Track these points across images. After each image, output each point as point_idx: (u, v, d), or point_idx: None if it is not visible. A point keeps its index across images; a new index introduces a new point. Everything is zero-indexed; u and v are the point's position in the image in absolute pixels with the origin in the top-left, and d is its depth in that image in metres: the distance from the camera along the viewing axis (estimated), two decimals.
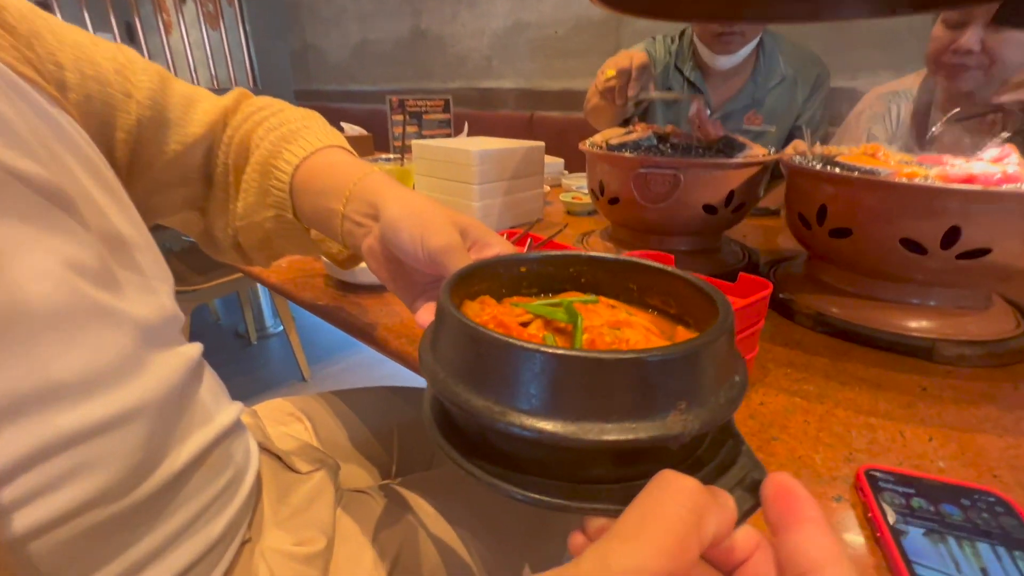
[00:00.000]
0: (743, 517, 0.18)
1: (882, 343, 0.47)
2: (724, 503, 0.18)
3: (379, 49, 2.58)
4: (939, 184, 0.41)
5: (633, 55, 0.81)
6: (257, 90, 2.17)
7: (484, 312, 0.25)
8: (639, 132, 0.65)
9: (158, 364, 0.31)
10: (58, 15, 2.44)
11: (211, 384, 0.39)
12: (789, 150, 0.63)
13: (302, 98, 3.16)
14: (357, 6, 2.59)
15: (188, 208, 0.46)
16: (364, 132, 1.95)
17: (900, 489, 0.30)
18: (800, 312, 0.53)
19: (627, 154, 0.60)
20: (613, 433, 0.18)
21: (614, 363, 0.18)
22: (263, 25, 3.04)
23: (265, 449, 0.47)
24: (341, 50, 2.80)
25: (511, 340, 0.19)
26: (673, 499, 0.16)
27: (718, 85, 1.14)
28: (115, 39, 2.61)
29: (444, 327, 0.22)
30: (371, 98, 2.74)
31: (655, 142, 0.63)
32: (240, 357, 1.96)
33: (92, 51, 0.36)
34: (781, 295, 0.55)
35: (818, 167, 0.50)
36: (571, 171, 1.28)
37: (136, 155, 0.40)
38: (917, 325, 0.48)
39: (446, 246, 0.31)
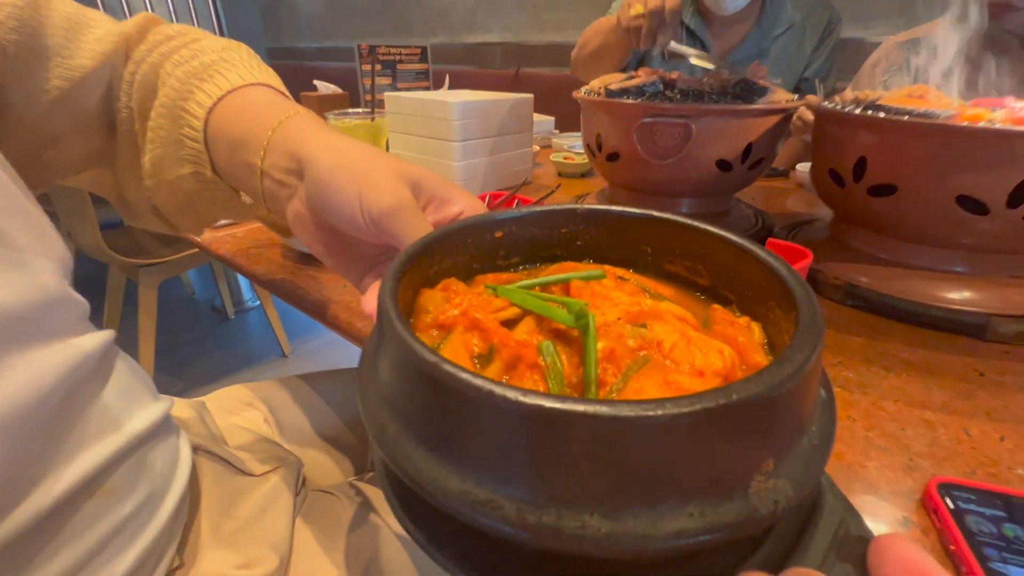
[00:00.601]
0: None
1: (926, 319, 0.41)
2: None
3: (356, 3, 2.40)
4: (1016, 128, 0.34)
5: None
6: None
7: (450, 307, 0.18)
8: (643, 77, 0.56)
9: (24, 363, 0.24)
10: None
11: (123, 382, 0.31)
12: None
13: (275, 56, 2.96)
14: None
15: (93, 164, 0.37)
16: (339, 90, 1.81)
17: (987, 511, 0.24)
18: (827, 283, 0.46)
19: (630, 101, 0.51)
20: (668, 525, 0.11)
21: (668, 422, 0.11)
22: None
23: (206, 451, 0.40)
24: (314, 3, 2.60)
25: (493, 389, 0.11)
26: None
27: (720, 33, 1.04)
28: None
29: (387, 352, 0.14)
30: (347, 55, 2.56)
31: (661, 88, 0.54)
32: (217, 333, 1.87)
33: None
34: None
35: (857, 112, 0.42)
36: (562, 130, 1.18)
37: (4, 96, 0.31)
38: (963, 297, 0.41)
39: (393, 207, 0.23)
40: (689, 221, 0.21)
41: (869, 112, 0.42)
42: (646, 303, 0.18)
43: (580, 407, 0.11)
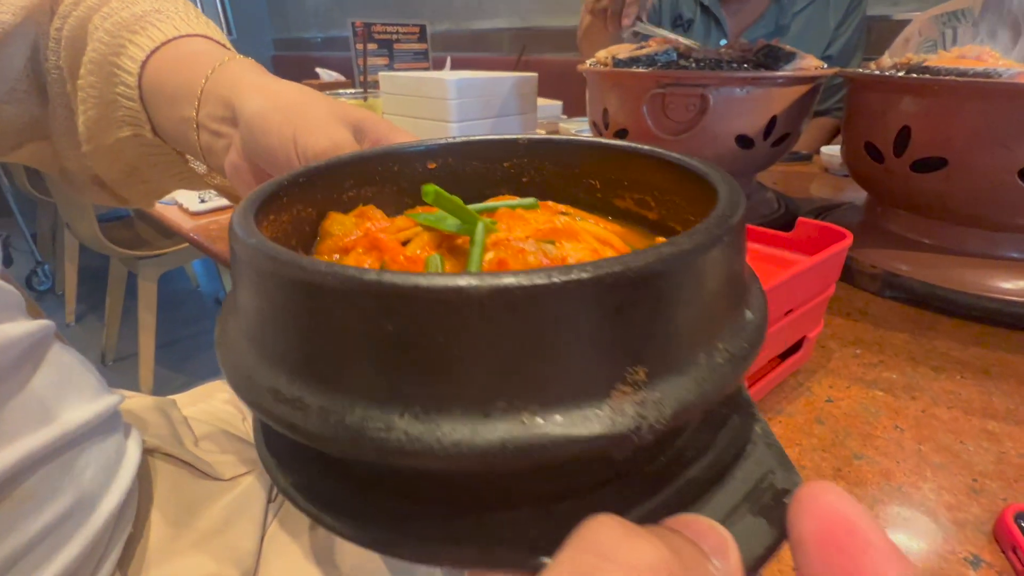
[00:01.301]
0: (756, 565, 0.10)
1: (978, 312, 0.36)
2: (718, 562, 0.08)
3: None
4: None
5: None
6: (233, 39, 1.99)
7: (357, 227, 0.16)
8: (655, 46, 0.51)
9: None
10: None
11: (60, 375, 0.28)
12: None
13: (281, 48, 2.93)
14: None
15: (28, 138, 0.33)
16: (341, 77, 1.77)
17: None
18: (863, 272, 0.41)
19: (640, 70, 0.46)
20: (492, 433, 0.08)
21: (489, 294, 0.08)
22: None
23: (165, 453, 0.36)
24: None
25: (297, 260, 0.10)
26: None
27: (736, 10, 0.98)
28: None
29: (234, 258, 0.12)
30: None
31: (675, 57, 0.49)
32: None
33: None
34: None
35: (901, 75, 0.37)
36: (571, 115, 1.13)
37: None
38: (1021, 287, 0.36)
39: (330, 149, 0.21)
40: (633, 145, 0.17)
41: (914, 76, 0.36)
42: (561, 221, 0.15)
43: (385, 279, 0.08)
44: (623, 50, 0.52)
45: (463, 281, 0.08)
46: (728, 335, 0.11)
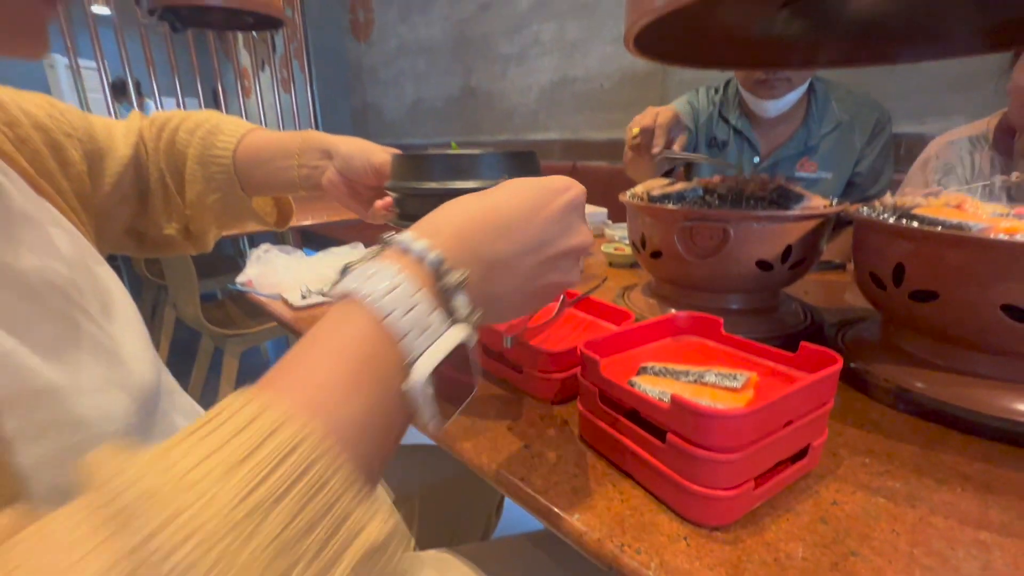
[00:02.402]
0: None
1: (987, 431, 0.39)
2: None
3: (432, 106, 2.71)
4: None
5: (658, 112, 0.78)
6: None
7: None
8: (684, 183, 0.61)
9: None
10: (154, 86, 2.75)
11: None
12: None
13: None
14: (413, 68, 2.76)
15: (126, 228, 0.51)
16: None
17: None
18: (877, 386, 0.45)
19: (670, 206, 0.56)
20: None
21: None
22: (329, 87, 3.29)
23: None
24: (397, 108, 2.96)
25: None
26: None
27: (766, 132, 1.09)
28: (200, 105, 2.90)
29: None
30: (423, 150, 2.86)
31: (701, 194, 0.59)
32: None
33: (25, 103, 0.39)
34: (853, 364, 0.48)
35: (892, 221, 0.44)
36: (615, 221, 1.24)
37: (88, 187, 0.43)
38: None
39: (385, 161, 0.49)
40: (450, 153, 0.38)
41: (904, 221, 0.43)
42: None
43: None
44: (657, 185, 0.62)
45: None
46: None
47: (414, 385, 0.19)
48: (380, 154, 0.50)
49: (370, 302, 0.19)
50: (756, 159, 1.10)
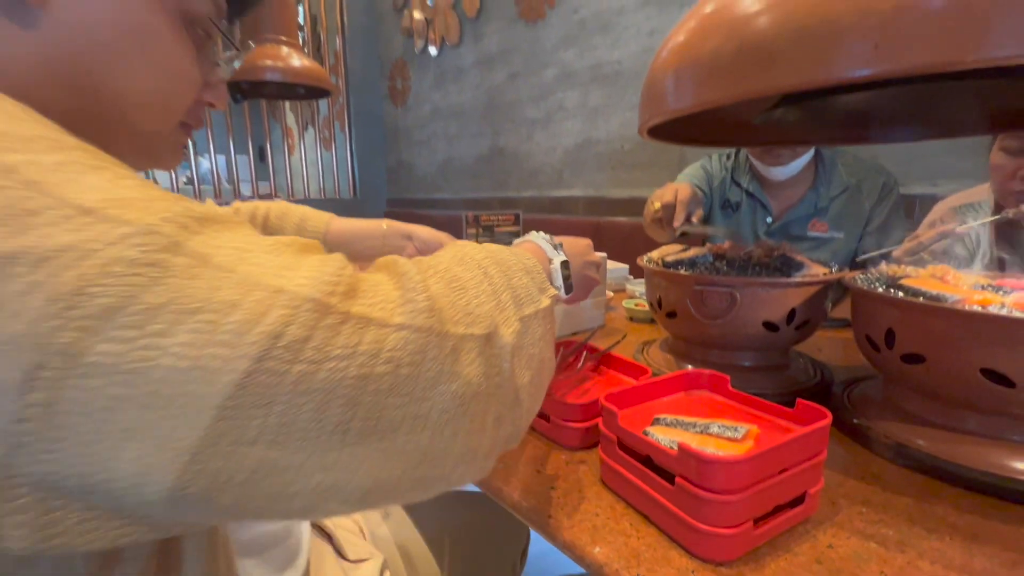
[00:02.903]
0: None
1: (979, 485, 0.43)
2: None
3: (461, 164, 2.89)
4: (1017, 314, 0.40)
5: (678, 188, 0.88)
6: (357, 199, 2.47)
7: None
8: (696, 249, 0.68)
9: None
10: (210, 145, 3.02)
11: None
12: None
13: (393, 205, 3.54)
14: (445, 130, 2.96)
15: None
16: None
17: None
18: (878, 442, 0.49)
19: (683, 271, 0.62)
20: None
21: None
22: (366, 146, 3.53)
23: (317, 527, 0.50)
24: (429, 165, 3.16)
25: None
26: None
27: (777, 194, 1.16)
28: (249, 160, 3.14)
29: None
30: (452, 205, 3.02)
31: (711, 260, 0.65)
32: None
33: None
34: (856, 421, 0.52)
35: (880, 290, 0.49)
36: (636, 276, 1.30)
37: None
38: (1021, 467, 0.43)
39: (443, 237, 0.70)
40: None
41: (891, 291, 0.49)
42: None
43: None
44: (671, 252, 0.69)
45: None
46: None
47: (555, 265, 0.44)
48: (448, 239, 0.66)
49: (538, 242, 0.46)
50: (769, 219, 1.16)
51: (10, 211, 0.17)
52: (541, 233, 0.47)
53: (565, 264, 0.44)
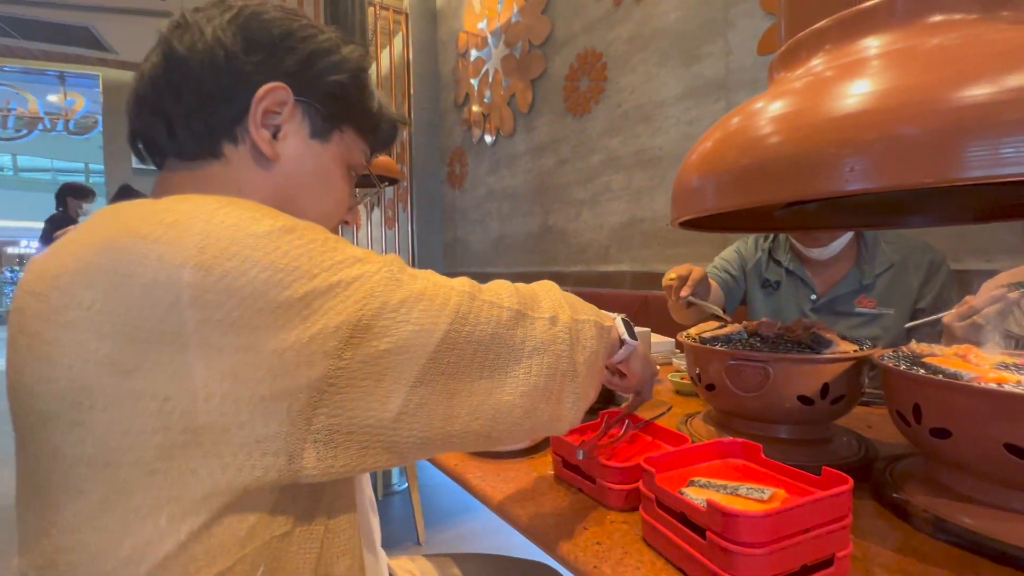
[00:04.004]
0: None
1: (1016, 561, 0.44)
2: None
3: (513, 241, 3.07)
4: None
5: (692, 269, 1.01)
6: None
7: None
8: (731, 327, 0.74)
9: None
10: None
11: None
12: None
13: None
14: (498, 210, 3.19)
15: None
16: None
17: None
18: (917, 516, 0.51)
19: (719, 348, 0.68)
20: None
21: None
22: (425, 224, 3.84)
23: None
24: (483, 242, 3.37)
25: None
26: None
27: (820, 272, 1.18)
28: None
29: None
30: (504, 279, 3.17)
31: (745, 336, 0.70)
32: None
33: None
34: (896, 495, 0.54)
35: (903, 367, 0.53)
36: (682, 350, 1.34)
37: None
38: None
39: None
40: None
41: (913, 368, 0.52)
42: None
43: None
44: (708, 328, 0.75)
45: None
46: None
47: (619, 327, 0.54)
48: None
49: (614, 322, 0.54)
50: (813, 296, 1.19)
51: (326, 261, 0.33)
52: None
53: (628, 323, 0.54)
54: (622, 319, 0.54)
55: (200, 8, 0.44)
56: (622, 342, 0.53)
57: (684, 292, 0.97)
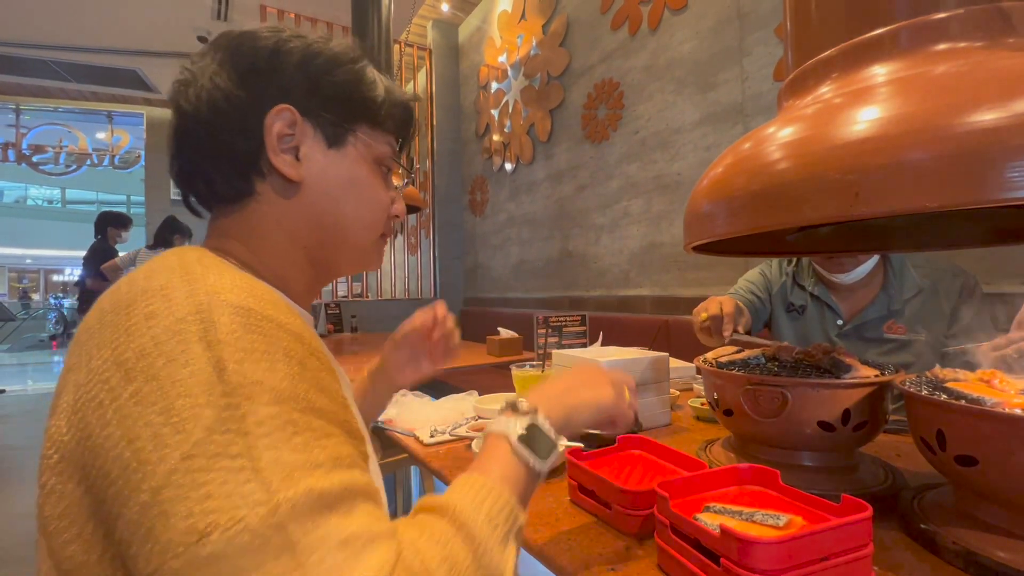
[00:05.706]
0: None
1: None
2: None
3: (533, 266, 3.09)
4: None
5: (721, 302, 0.96)
6: (437, 298, 2.72)
7: None
8: (750, 351, 0.73)
9: None
10: None
11: None
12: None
13: (469, 303, 3.79)
14: (519, 236, 3.23)
15: None
16: (515, 335, 2.26)
17: None
18: (946, 548, 0.49)
19: (736, 372, 0.67)
20: None
21: None
22: (447, 250, 3.90)
23: None
24: (503, 267, 3.41)
25: None
26: None
27: (846, 297, 1.16)
28: None
29: None
30: (524, 303, 3.19)
31: (763, 361, 0.70)
32: None
33: None
34: (923, 526, 0.52)
35: (924, 392, 0.52)
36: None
37: None
38: None
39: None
40: None
41: (935, 393, 0.51)
42: None
43: None
44: (725, 353, 0.75)
45: None
46: None
47: (541, 470, 0.42)
48: (389, 344, 0.67)
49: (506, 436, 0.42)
50: (840, 321, 1.16)
51: (216, 448, 0.27)
52: (502, 415, 0.44)
53: (531, 427, 0.42)
54: (518, 435, 0.41)
55: (198, 54, 0.44)
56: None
57: (727, 333, 0.95)
